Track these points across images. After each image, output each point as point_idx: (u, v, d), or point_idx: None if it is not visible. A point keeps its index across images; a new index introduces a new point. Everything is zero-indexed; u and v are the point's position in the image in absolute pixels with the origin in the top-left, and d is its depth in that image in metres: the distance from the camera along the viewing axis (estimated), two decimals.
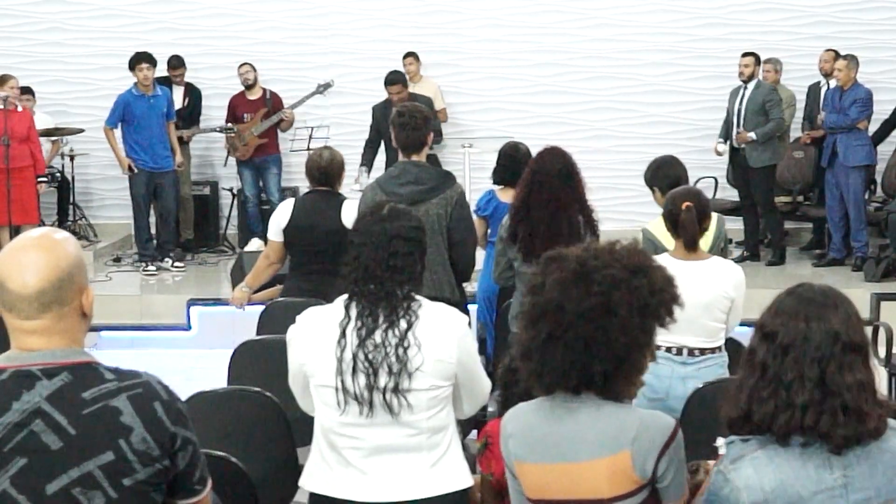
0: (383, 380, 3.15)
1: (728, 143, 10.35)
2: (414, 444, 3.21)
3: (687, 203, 4.60)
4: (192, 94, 11.29)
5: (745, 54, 10.31)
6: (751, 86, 10.22)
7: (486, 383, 3.38)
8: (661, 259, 3.07)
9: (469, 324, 5.96)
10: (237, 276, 8.43)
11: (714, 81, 11.55)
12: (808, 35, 11.40)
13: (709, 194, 10.84)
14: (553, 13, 11.75)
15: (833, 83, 10.23)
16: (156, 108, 10.32)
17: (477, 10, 11.80)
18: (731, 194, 10.94)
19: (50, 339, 2.28)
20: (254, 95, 11.08)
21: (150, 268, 10.40)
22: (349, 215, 5.86)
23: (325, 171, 6.02)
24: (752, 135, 10.01)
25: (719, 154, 10.47)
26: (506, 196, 6.53)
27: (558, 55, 11.72)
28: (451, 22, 11.79)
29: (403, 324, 3.18)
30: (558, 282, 2.57)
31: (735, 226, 10.70)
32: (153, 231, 10.69)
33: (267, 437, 4.31)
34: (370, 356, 3.15)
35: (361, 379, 3.15)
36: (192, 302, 9.20)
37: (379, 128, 10.07)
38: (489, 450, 3.75)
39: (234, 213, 11.52)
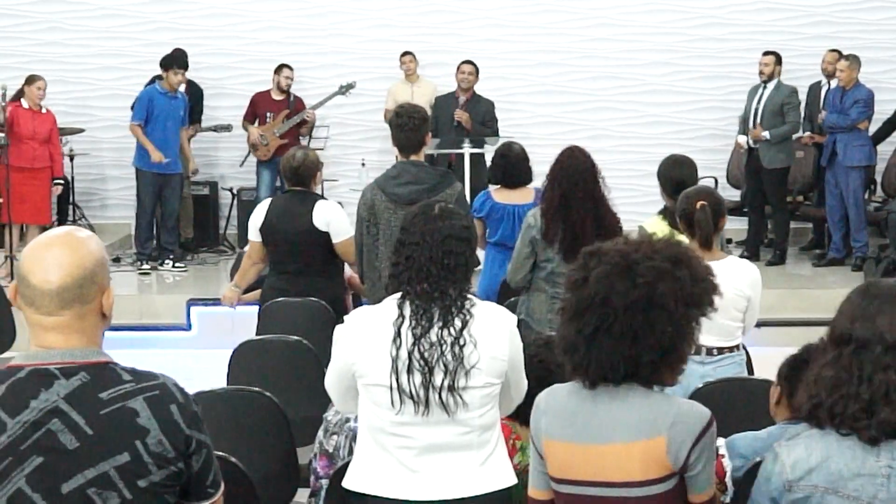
0: (439, 378, 3.17)
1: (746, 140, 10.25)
2: (465, 443, 3.22)
3: (701, 202, 4.63)
4: (193, 92, 11.27)
5: (766, 53, 10.26)
6: (770, 86, 10.16)
7: (525, 381, 3.39)
8: None
9: None
10: None
11: (714, 81, 11.55)
12: (808, 35, 11.40)
13: None
14: (553, 13, 11.75)
15: (834, 83, 10.22)
16: (175, 109, 10.30)
17: (477, 10, 11.80)
18: (731, 194, 10.93)
19: (69, 338, 2.29)
20: (279, 96, 11.06)
21: (145, 267, 10.39)
22: (321, 216, 5.90)
23: (297, 171, 6.04)
24: (766, 134, 9.97)
25: (742, 147, 10.33)
26: (500, 196, 6.53)
27: (558, 55, 11.71)
28: (451, 22, 11.79)
29: (458, 322, 3.20)
30: (602, 275, 2.59)
31: (735, 225, 10.70)
32: (154, 232, 10.68)
33: (267, 437, 4.32)
34: (426, 355, 3.17)
35: (417, 378, 3.17)
36: (192, 302, 9.19)
37: (437, 116, 10.21)
38: None
39: (234, 212, 11.51)
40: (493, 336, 3.22)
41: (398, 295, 3.27)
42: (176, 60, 10.28)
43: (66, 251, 2.28)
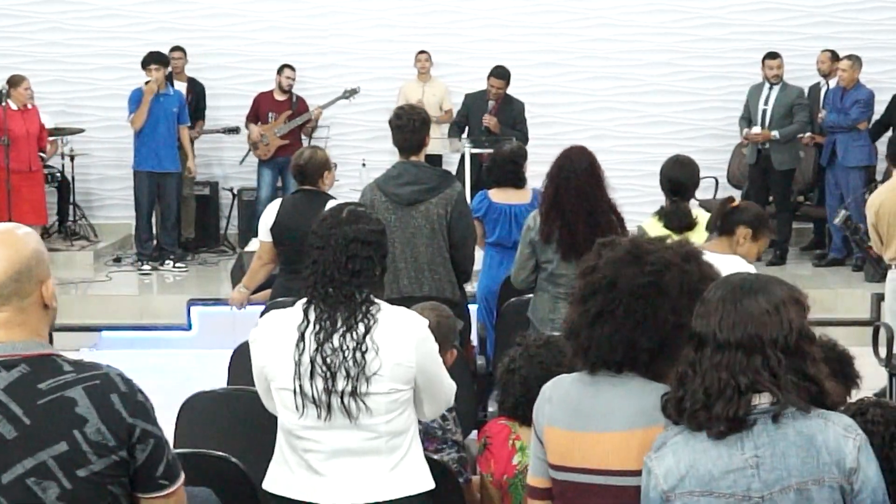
0: (341, 384, 3.16)
1: (752, 141, 10.14)
2: (373, 448, 3.21)
3: (736, 203, 4.66)
4: (195, 88, 11.25)
5: (773, 56, 10.13)
6: (777, 87, 10.07)
7: (450, 386, 3.39)
8: None
9: (469, 324, 5.99)
10: (237, 275, 8.42)
11: (714, 81, 11.55)
12: (809, 35, 11.39)
13: (709, 194, 10.90)
14: (553, 13, 11.75)
15: (833, 83, 10.21)
16: (165, 107, 10.24)
17: (477, 10, 11.80)
18: (731, 194, 10.92)
19: (10, 332, 2.31)
20: (281, 96, 11.06)
21: (146, 267, 10.39)
22: None
23: (303, 170, 6.03)
24: (776, 133, 9.92)
25: (748, 138, 10.21)
26: (498, 196, 6.55)
27: (558, 55, 11.71)
28: (451, 22, 11.79)
29: (361, 328, 3.18)
30: (611, 261, 2.64)
31: None
32: (154, 231, 10.68)
33: (267, 437, 4.30)
34: (328, 360, 3.16)
35: (319, 382, 3.17)
36: (193, 302, 9.19)
37: (469, 114, 10.22)
38: (488, 450, 3.75)
39: (235, 212, 11.51)
40: (397, 342, 3.20)
41: (305, 299, 3.26)
42: (152, 58, 10.24)
43: (2, 249, 2.31)
